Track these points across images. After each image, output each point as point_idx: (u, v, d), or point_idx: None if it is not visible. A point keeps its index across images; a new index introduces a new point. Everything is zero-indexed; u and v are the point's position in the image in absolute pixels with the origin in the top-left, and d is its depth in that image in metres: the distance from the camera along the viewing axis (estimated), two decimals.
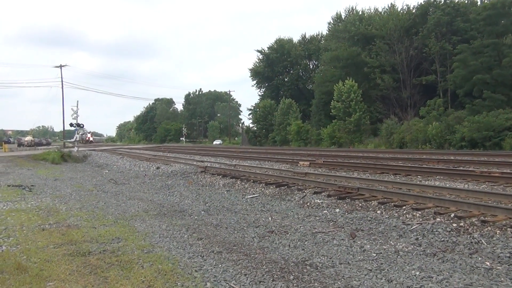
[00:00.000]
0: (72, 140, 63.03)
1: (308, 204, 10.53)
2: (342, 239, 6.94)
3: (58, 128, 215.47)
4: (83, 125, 50.82)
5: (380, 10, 58.56)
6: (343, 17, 62.95)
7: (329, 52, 57.51)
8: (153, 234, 7.47)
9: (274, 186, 13.15)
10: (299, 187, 12.61)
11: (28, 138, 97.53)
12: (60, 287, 4.79)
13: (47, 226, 8.30)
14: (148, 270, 5.36)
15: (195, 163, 23.06)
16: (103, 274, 5.23)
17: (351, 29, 55.07)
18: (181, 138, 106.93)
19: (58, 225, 8.35)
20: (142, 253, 6.21)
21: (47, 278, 5.08)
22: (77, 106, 45.74)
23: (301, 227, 7.96)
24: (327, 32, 66.90)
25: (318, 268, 5.52)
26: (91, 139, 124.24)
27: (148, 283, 4.91)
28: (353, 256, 6.03)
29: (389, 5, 56.86)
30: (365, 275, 5.22)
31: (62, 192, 14.08)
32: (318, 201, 10.59)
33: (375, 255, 6.04)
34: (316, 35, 74.06)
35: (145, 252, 6.27)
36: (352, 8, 62.16)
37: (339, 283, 4.95)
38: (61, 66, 66.63)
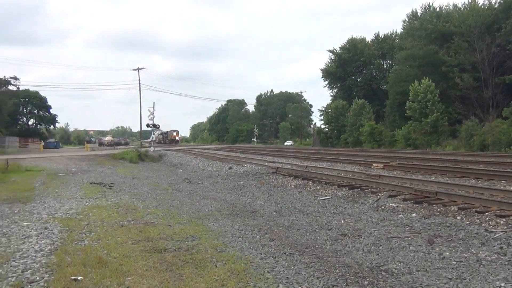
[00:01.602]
0: (149, 140, 65.54)
1: (383, 207, 10.25)
2: (419, 245, 6.67)
3: (135, 128, 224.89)
4: (159, 125, 52.69)
5: (459, 6, 55.93)
6: (419, 14, 60.79)
7: (404, 51, 55.75)
8: (226, 234, 7.56)
9: (346, 188, 12.95)
10: (372, 189, 12.31)
11: (108, 138, 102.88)
12: (138, 282, 4.95)
13: (125, 222, 8.64)
14: (221, 269, 5.42)
15: (266, 163, 23.18)
16: (178, 271, 5.35)
17: (427, 26, 53.08)
18: (252, 139, 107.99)
19: (136, 222, 8.67)
20: (216, 252, 6.30)
21: (126, 273, 5.27)
22: (153, 108, 47.60)
23: (375, 231, 7.75)
24: (402, 30, 64.79)
25: (394, 274, 5.33)
26: (177, 138, 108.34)
27: (222, 282, 4.96)
28: (431, 263, 5.78)
29: (469, 1, 54.14)
30: (445, 284, 4.98)
31: (140, 190, 14.63)
32: (393, 204, 10.28)
33: (455, 263, 5.75)
34: (390, 34, 72.05)
35: (218, 251, 6.36)
36: (429, 5, 59.81)
37: None
38: (138, 69, 69.49)
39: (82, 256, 5.99)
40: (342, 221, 8.83)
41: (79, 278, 5.05)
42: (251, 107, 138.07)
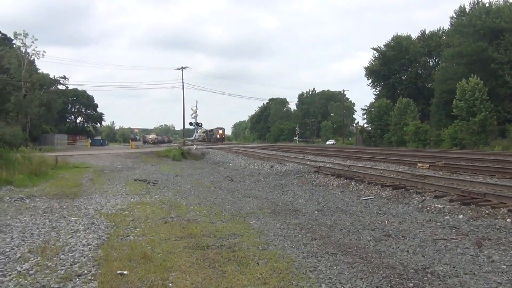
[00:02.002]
0: (191, 138, 66.38)
1: (428, 208, 10.01)
2: (467, 248, 6.47)
3: (178, 126, 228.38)
4: (201, 124, 53.21)
5: (510, 1, 53.79)
6: (467, 10, 58.97)
7: (451, 48, 54.21)
8: (268, 232, 7.56)
9: (390, 188, 12.71)
10: (417, 190, 12.04)
11: (152, 136, 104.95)
12: (181, 278, 5.02)
13: (169, 219, 8.78)
14: (263, 267, 5.42)
15: (308, 162, 23.06)
16: (220, 268, 5.39)
17: (476, 23, 51.38)
18: (294, 138, 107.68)
19: (179, 219, 8.79)
20: (258, 250, 6.31)
21: (170, 269, 5.36)
22: (196, 106, 48.00)
23: (421, 232, 7.57)
24: (449, 27, 63.11)
25: (440, 277, 5.19)
26: (223, 136, 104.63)
27: (264, 280, 4.97)
28: (479, 266, 5.59)
29: None
30: None
31: (183, 187, 14.83)
32: (439, 205, 10.01)
33: (505, 267, 5.55)
34: (437, 31, 70.20)
35: (260, 249, 6.37)
36: (478, 0, 57.94)
37: None
38: (182, 68, 70.46)
39: (128, 251, 6.13)
40: (386, 221, 8.67)
41: (125, 272, 5.17)
42: (292, 106, 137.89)
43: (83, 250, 6.20)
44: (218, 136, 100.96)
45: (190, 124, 50.84)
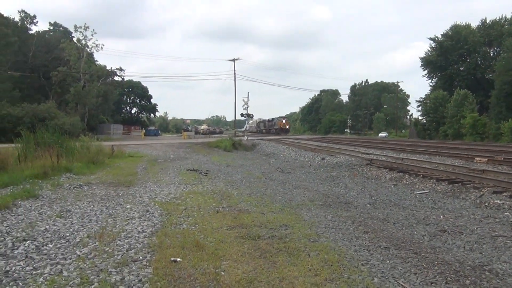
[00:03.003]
0: (242, 129, 66.85)
1: (486, 204, 9.65)
2: None
3: (229, 117, 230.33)
4: (252, 115, 53.56)
5: None
6: None
7: None
8: (319, 224, 7.52)
9: (446, 183, 12.34)
10: (475, 185, 11.62)
11: (204, 126, 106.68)
12: (233, 267, 5.08)
13: (220, 209, 8.89)
14: (314, 259, 5.40)
15: (360, 155, 22.73)
16: (272, 259, 5.41)
17: None
18: (345, 130, 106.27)
19: (230, 209, 8.89)
20: (309, 241, 6.29)
21: (222, 257, 5.44)
22: (247, 98, 48.33)
23: (478, 228, 7.32)
24: None
25: (499, 275, 5.00)
26: (287, 126, 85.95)
27: (315, 271, 4.95)
28: None
29: None
30: None
31: (234, 178, 14.97)
32: (499, 201, 9.63)
33: None
34: (499, 19, 67.06)
35: (311, 241, 6.34)
36: None
37: None
38: (234, 60, 70.81)
39: (181, 239, 6.26)
40: (441, 216, 8.43)
41: (178, 259, 5.29)
42: (344, 98, 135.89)
43: (138, 237, 6.39)
44: (281, 126, 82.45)
45: (242, 115, 51.26)
